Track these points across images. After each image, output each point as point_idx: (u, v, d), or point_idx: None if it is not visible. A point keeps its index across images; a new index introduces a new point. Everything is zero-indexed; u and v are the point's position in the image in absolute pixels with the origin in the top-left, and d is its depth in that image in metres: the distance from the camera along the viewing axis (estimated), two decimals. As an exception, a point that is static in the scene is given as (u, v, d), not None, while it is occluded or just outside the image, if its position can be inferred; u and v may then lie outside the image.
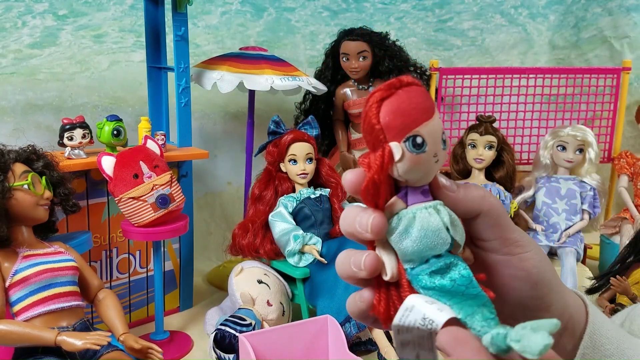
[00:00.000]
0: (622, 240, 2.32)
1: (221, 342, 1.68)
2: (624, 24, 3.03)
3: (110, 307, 1.54)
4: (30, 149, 1.52)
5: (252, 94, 2.35)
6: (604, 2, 3.07)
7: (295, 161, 2.01)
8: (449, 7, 3.13)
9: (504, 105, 2.66)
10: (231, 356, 1.66)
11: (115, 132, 1.81)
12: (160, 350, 1.50)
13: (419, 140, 0.33)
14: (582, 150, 2.34)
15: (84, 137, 1.79)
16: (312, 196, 2.02)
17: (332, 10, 2.99)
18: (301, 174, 2.00)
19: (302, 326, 1.68)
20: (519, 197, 2.38)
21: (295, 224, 1.96)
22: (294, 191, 2.05)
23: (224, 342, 1.67)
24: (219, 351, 1.68)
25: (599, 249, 2.54)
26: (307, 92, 2.51)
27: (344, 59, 2.38)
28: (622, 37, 3.04)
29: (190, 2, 1.94)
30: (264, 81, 2.08)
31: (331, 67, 2.47)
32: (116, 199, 1.74)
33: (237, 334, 1.65)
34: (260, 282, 1.88)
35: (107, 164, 1.73)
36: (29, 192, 1.45)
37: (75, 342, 1.31)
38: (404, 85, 0.34)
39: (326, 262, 1.88)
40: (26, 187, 1.44)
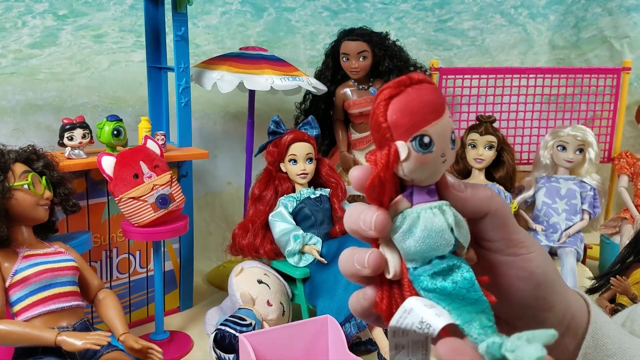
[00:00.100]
0: (622, 240, 2.32)
1: (221, 342, 1.68)
2: (624, 24, 3.03)
3: (110, 307, 1.54)
4: (30, 149, 1.52)
5: (252, 94, 2.35)
6: (604, 2, 3.07)
7: (295, 161, 2.01)
8: (449, 7, 3.13)
9: (504, 105, 2.66)
10: (231, 356, 1.66)
11: (115, 132, 1.81)
12: (160, 350, 1.50)
13: (426, 140, 0.32)
14: (582, 150, 2.34)
15: (84, 137, 1.79)
16: (312, 196, 2.02)
17: (332, 10, 2.99)
18: (301, 174, 2.00)
19: (302, 326, 1.68)
20: (519, 197, 2.39)
21: (295, 224, 1.96)
22: (294, 191, 2.05)
23: (224, 342, 1.67)
24: (219, 351, 1.68)
25: (599, 249, 2.54)
26: (307, 92, 2.51)
27: (344, 59, 2.38)
28: (622, 37, 3.04)
29: (190, 2, 1.94)
30: (264, 81, 2.08)
31: (331, 67, 2.46)
32: (116, 199, 1.74)
33: (237, 334, 1.65)
34: (260, 282, 1.88)
35: (107, 164, 1.73)
36: (29, 192, 1.44)
37: (75, 342, 1.31)
38: (414, 82, 0.33)
39: (326, 262, 1.88)
40: (26, 187, 1.44)
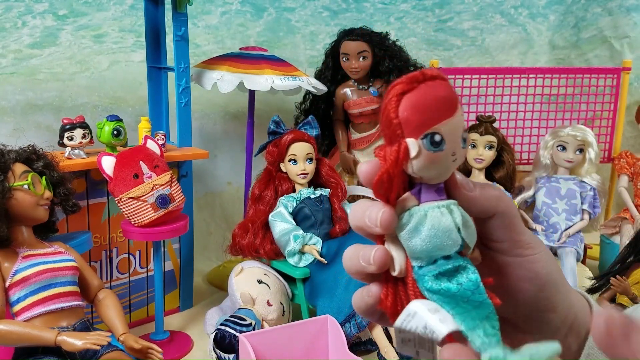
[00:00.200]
0: (622, 240, 2.32)
1: (221, 342, 1.68)
2: (624, 24, 3.03)
3: (110, 307, 1.54)
4: (30, 149, 1.52)
5: (252, 94, 2.35)
6: (604, 2, 3.07)
7: (295, 161, 2.01)
8: (449, 7, 3.13)
9: (504, 105, 2.66)
10: (231, 356, 1.66)
11: (115, 132, 1.81)
12: (160, 350, 1.50)
13: (437, 138, 0.32)
14: (582, 150, 2.34)
15: (84, 137, 1.79)
16: (312, 196, 2.02)
17: (332, 10, 2.99)
18: (301, 174, 2.00)
19: (302, 326, 1.68)
20: (519, 197, 2.39)
21: (295, 224, 1.96)
22: (294, 191, 2.05)
23: (224, 342, 1.67)
24: (219, 351, 1.68)
25: (599, 249, 2.54)
26: (307, 92, 2.51)
27: (344, 59, 2.38)
28: (622, 37, 3.04)
29: (190, 2, 1.94)
30: (264, 81, 2.07)
31: (331, 67, 2.46)
32: (116, 199, 1.74)
33: (237, 334, 1.64)
34: (260, 282, 1.88)
35: (107, 164, 1.73)
36: (29, 192, 1.44)
37: (75, 342, 1.31)
38: (427, 79, 0.32)
39: (326, 262, 1.88)
40: (26, 187, 1.44)
